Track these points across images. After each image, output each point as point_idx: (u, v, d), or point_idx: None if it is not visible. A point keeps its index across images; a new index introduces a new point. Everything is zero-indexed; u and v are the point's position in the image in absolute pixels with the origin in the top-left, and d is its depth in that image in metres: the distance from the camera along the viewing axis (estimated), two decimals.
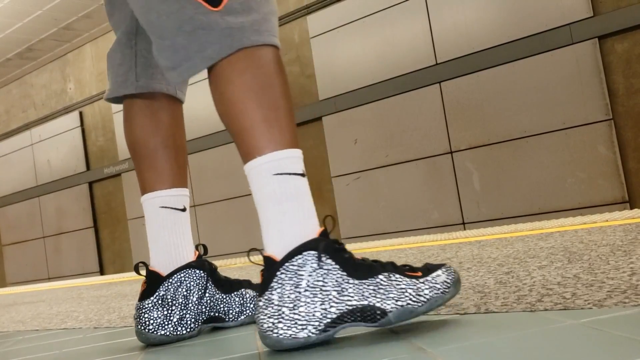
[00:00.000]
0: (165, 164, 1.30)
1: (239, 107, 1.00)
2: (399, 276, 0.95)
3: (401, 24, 5.29)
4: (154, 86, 1.31)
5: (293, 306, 0.92)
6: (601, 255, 1.51)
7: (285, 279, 0.93)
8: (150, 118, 1.31)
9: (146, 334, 1.22)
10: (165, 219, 1.28)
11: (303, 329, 0.91)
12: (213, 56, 1.00)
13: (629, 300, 0.95)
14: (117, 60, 1.31)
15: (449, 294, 0.97)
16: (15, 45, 8.37)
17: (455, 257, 2.04)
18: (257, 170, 0.99)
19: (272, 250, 0.97)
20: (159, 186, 1.29)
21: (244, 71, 1.00)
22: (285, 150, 0.99)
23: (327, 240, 0.96)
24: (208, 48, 1.00)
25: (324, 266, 0.93)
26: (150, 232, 1.29)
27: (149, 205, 1.30)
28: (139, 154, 1.31)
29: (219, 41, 1.00)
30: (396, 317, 0.93)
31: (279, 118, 1.01)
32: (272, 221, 0.97)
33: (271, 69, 1.02)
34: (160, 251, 1.27)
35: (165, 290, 1.23)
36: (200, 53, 1.01)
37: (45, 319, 2.23)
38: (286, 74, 1.07)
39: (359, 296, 0.93)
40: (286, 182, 0.98)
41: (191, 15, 1.00)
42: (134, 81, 1.29)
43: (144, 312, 1.23)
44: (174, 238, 1.28)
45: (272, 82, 1.02)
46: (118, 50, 1.31)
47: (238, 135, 1.01)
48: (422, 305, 0.94)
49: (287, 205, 0.97)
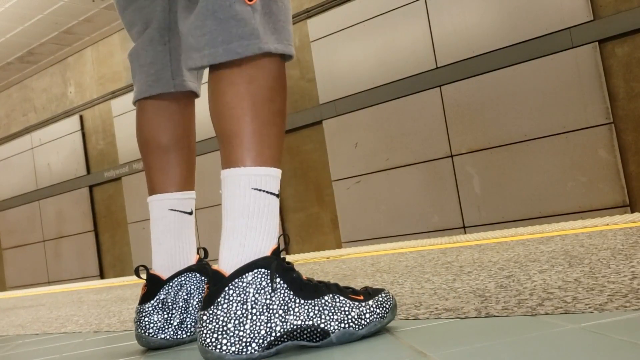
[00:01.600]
0: (177, 165, 1.28)
1: (237, 112, 0.99)
2: (343, 298, 0.98)
3: (402, 27, 5.30)
4: (190, 85, 1.28)
5: (238, 323, 0.92)
6: (602, 259, 1.50)
7: (233, 295, 0.93)
8: (167, 118, 1.28)
9: (146, 337, 1.21)
10: (172, 222, 1.27)
11: (247, 346, 0.92)
12: (239, 51, 0.97)
13: (630, 304, 0.95)
14: (148, 58, 1.26)
15: (386, 319, 1.01)
16: (16, 49, 8.39)
17: (456, 261, 2.04)
18: (236, 179, 0.98)
19: (225, 263, 0.96)
20: (169, 188, 1.27)
21: (253, 78, 0.99)
22: (269, 168, 0.99)
23: (278, 259, 0.97)
24: (235, 41, 0.97)
25: (273, 285, 0.94)
26: (155, 234, 1.28)
27: (157, 207, 1.27)
28: (151, 153, 1.28)
29: (247, 38, 0.97)
30: (338, 339, 0.95)
31: (271, 135, 1.00)
32: (237, 233, 0.97)
33: (276, 84, 1.01)
34: (164, 254, 1.26)
35: (166, 294, 1.23)
36: (226, 44, 0.97)
37: (45, 323, 2.22)
38: (286, 94, 1.05)
39: (304, 316, 0.95)
40: (261, 198, 0.98)
41: (230, 3, 0.97)
42: (169, 79, 1.25)
43: (144, 316, 1.22)
44: (178, 241, 1.27)
45: (274, 97, 1.01)
46: (148, 48, 1.26)
47: (227, 140, 1.00)
48: (362, 329, 0.97)
49: (256, 221, 0.97)
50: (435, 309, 1.18)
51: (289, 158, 6.14)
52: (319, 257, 3.49)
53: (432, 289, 1.46)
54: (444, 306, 1.20)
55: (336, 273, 2.33)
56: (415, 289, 1.52)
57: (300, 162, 6.09)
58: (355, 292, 1.01)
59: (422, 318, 1.11)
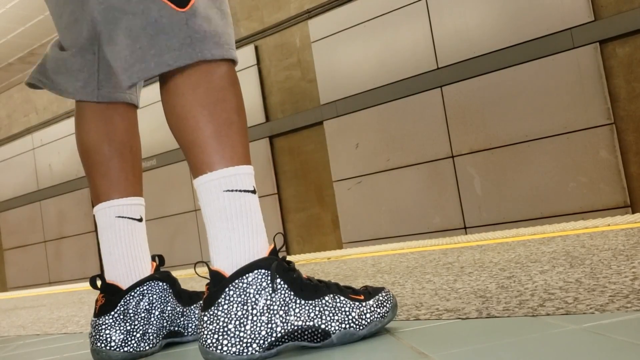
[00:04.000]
0: (121, 171, 1.23)
1: (190, 121, 0.98)
2: (343, 299, 0.98)
3: (402, 28, 5.30)
4: (116, 96, 1.24)
5: (239, 323, 0.92)
6: (603, 260, 1.50)
7: (234, 296, 0.93)
8: (105, 123, 1.23)
9: (107, 351, 1.14)
10: (121, 230, 1.21)
11: (248, 347, 0.92)
12: (170, 63, 0.96)
13: (631, 305, 0.94)
14: (77, 65, 1.21)
15: (387, 318, 1.01)
16: (17, 50, 8.40)
17: (457, 261, 2.04)
18: (207, 186, 0.98)
19: (219, 265, 0.96)
20: (114, 195, 1.22)
21: (197, 85, 0.98)
22: (236, 167, 0.98)
23: (279, 260, 0.97)
24: (166, 54, 0.96)
25: (274, 286, 0.94)
26: (104, 243, 1.22)
27: (103, 215, 1.22)
28: (93, 161, 1.23)
29: (179, 48, 0.96)
30: (338, 339, 0.96)
31: (230, 134, 0.99)
32: (221, 237, 0.97)
33: (225, 83, 1.00)
34: (117, 264, 1.20)
35: (127, 304, 1.16)
36: (157, 57, 0.96)
37: (46, 324, 2.22)
38: (240, 88, 1.04)
39: (305, 317, 0.95)
40: (236, 198, 0.97)
41: (156, 18, 0.96)
42: (95, 89, 1.22)
43: (104, 329, 1.15)
44: (131, 249, 1.21)
45: (225, 96, 1.00)
46: (78, 54, 1.21)
47: (189, 150, 0.99)
48: (363, 329, 0.97)
49: (237, 222, 0.97)
50: (436, 309, 1.18)
51: (290, 158, 6.14)
52: (319, 257, 3.49)
53: (433, 290, 1.46)
54: (445, 307, 1.20)
55: (337, 274, 2.33)
56: (416, 289, 1.52)
57: (301, 162, 6.09)
58: (356, 291, 1.01)
59: (423, 319, 1.11)
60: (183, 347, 1.23)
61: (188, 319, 1.25)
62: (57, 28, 1.26)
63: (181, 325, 1.24)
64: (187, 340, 1.26)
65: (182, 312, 1.25)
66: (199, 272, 1.12)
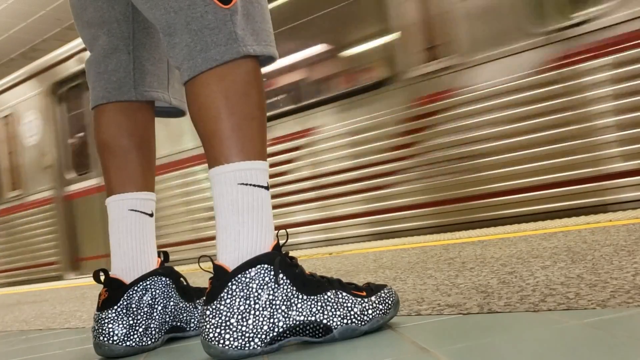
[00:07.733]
0: (138, 165, 1.25)
1: (213, 112, 0.99)
2: (345, 294, 0.98)
3: None
4: (153, 94, 1.27)
5: (241, 318, 0.93)
6: (605, 255, 1.50)
7: (237, 290, 0.93)
8: (127, 118, 1.26)
9: (110, 345, 1.14)
10: (132, 223, 1.23)
11: (250, 341, 0.92)
12: (217, 58, 0.98)
13: (633, 300, 0.95)
14: (110, 66, 1.25)
15: (389, 315, 1.01)
16: (18, 46, 8.40)
17: (458, 257, 2.04)
18: (222, 177, 0.98)
19: (224, 259, 0.97)
20: (129, 188, 1.24)
21: (223, 76, 0.99)
22: (253, 162, 0.99)
23: (282, 255, 0.97)
24: (212, 49, 0.98)
25: (277, 281, 0.94)
26: (114, 235, 1.23)
27: (116, 208, 1.23)
28: (111, 153, 1.25)
29: (225, 43, 0.98)
30: (340, 334, 0.96)
31: (250, 128, 1.00)
32: (229, 230, 0.97)
33: (250, 78, 1.01)
34: (124, 257, 1.21)
35: (130, 299, 1.17)
36: (204, 53, 0.99)
37: (48, 319, 2.23)
38: (263, 85, 1.05)
39: (307, 312, 0.95)
40: (249, 193, 0.98)
41: (201, 13, 0.99)
42: (131, 88, 1.25)
43: (107, 323, 1.15)
44: (140, 244, 1.22)
45: (250, 91, 1.01)
46: (111, 56, 1.25)
47: (207, 140, 1.00)
48: (364, 324, 0.98)
49: (247, 216, 0.97)
50: (437, 304, 1.19)
51: None
52: (322, 253, 3.50)
53: (434, 285, 1.46)
54: (446, 302, 1.20)
55: (339, 269, 2.33)
56: (417, 284, 1.52)
57: None
58: (358, 287, 1.02)
59: (425, 314, 1.11)
60: (185, 342, 1.23)
61: (191, 314, 1.26)
62: (83, 33, 1.30)
63: (184, 320, 1.25)
64: (190, 335, 1.26)
65: (185, 308, 1.25)
66: (202, 267, 1.12)
